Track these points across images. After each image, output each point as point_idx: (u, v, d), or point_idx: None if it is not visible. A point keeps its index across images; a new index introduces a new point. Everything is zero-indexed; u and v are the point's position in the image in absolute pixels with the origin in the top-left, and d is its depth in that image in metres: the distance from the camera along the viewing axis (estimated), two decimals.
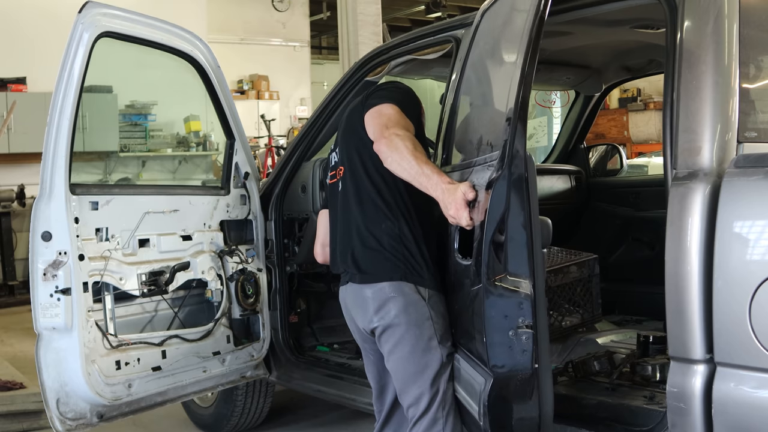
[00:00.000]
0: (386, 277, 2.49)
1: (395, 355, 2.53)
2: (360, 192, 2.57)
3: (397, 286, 2.48)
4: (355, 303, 2.61)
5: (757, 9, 2.34)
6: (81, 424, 3.10)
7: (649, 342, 3.12)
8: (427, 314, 2.48)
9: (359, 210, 2.57)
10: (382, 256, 2.51)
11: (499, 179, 2.13)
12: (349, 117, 2.74)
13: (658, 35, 3.35)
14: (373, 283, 2.51)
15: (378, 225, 2.52)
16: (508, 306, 2.12)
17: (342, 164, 2.68)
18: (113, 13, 3.20)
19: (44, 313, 3.01)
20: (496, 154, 2.21)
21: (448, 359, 2.51)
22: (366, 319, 2.57)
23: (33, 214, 3.03)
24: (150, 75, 8.72)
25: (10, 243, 8.78)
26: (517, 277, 2.11)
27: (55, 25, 7.12)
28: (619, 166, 4.76)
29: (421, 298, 2.48)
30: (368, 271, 2.54)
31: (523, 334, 2.10)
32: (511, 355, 2.13)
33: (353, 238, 2.58)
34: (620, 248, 4.33)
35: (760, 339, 1.91)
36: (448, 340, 2.52)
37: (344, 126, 2.75)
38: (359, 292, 2.57)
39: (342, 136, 2.74)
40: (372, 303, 2.52)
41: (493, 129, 2.40)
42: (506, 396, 2.18)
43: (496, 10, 2.75)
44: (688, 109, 2.18)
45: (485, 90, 2.77)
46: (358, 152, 2.60)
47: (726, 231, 1.97)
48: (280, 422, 4.30)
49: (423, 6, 15.10)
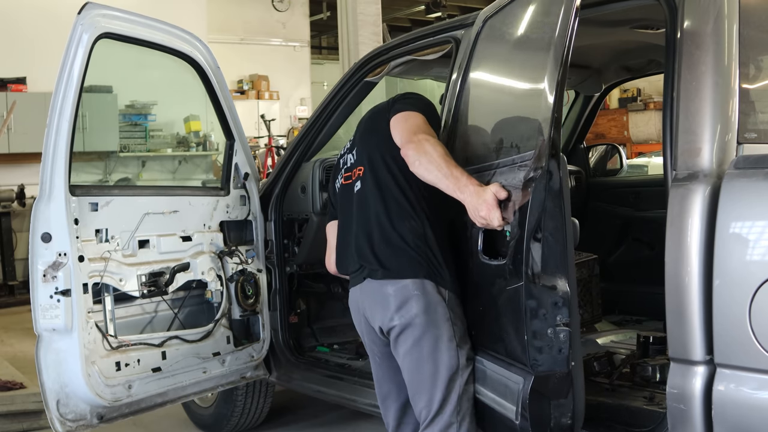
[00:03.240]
0: (410, 274, 2.47)
1: (413, 355, 2.49)
2: (383, 191, 2.56)
3: (420, 284, 2.46)
4: (374, 300, 2.56)
5: (757, 9, 2.34)
6: (81, 425, 3.10)
7: (649, 342, 3.12)
8: (447, 315, 2.46)
9: (383, 208, 2.55)
10: (407, 254, 2.49)
11: (539, 179, 2.14)
12: (371, 119, 2.74)
13: (658, 35, 3.35)
14: (397, 279, 2.48)
15: (402, 223, 2.51)
16: (548, 304, 2.14)
17: (361, 164, 2.66)
18: (113, 14, 3.19)
19: (44, 315, 3.01)
20: (529, 155, 2.22)
21: (467, 363, 2.48)
22: (386, 317, 2.52)
23: (33, 215, 3.03)
24: (150, 75, 8.73)
25: (10, 243, 8.78)
26: (555, 275, 2.14)
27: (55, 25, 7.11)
28: (619, 166, 4.75)
29: (442, 299, 2.47)
30: (392, 268, 2.50)
31: (561, 332, 2.14)
32: (550, 353, 2.15)
33: (374, 235, 2.55)
34: (620, 248, 4.33)
35: (760, 340, 1.91)
36: (467, 343, 2.50)
37: (365, 127, 2.75)
38: (380, 289, 2.52)
39: (362, 137, 2.73)
40: (394, 300, 2.48)
41: (520, 131, 2.40)
42: (545, 394, 2.20)
43: (506, 16, 2.75)
44: (688, 110, 2.18)
45: (505, 94, 2.77)
46: (381, 153, 2.60)
47: (726, 232, 1.97)
48: (280, 422, 4.30)
49: (423, 6, 15.11)
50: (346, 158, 2.79)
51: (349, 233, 2.67)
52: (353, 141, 2.79)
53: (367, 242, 2.57)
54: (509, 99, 2.68)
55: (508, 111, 2.66)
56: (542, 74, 2.24)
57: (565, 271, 2.14)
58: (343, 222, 2.74)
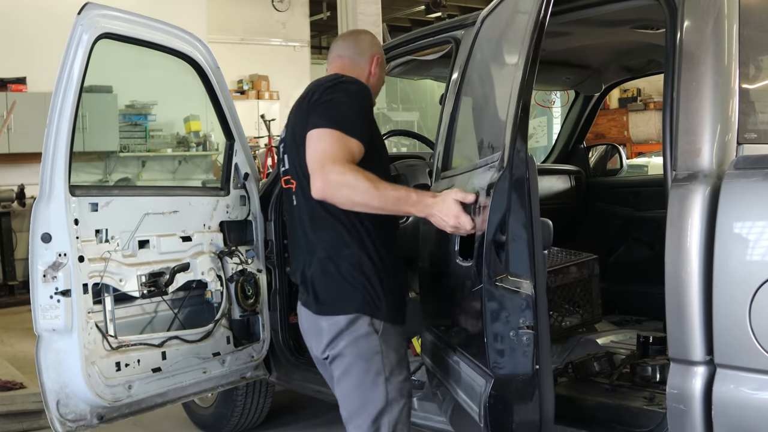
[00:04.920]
0: (343, 309, 2.40)
1: (342, 384, 2.46)
2: (315, 217, 2.43)
3: (353, 319, 2.39)
4: (310, 330, 2.52)
5: (757, 9, 2.34)
6: (81, 425, 3.10)
7: (649, 343, 3.12)
8: (378, 348, 2.39)
9: (316, 236, 2.45)
10: (340, 286, 2.40)
11: (500, 180, 2.13)
12: (295, 126, 2.50)
13: (658, 35, 3.35)
14: (330, 315, 2.42)
15: (337, 251, 2.41)
16: (509, 307, 2.12)
17: (293, 177, 2.51)
18: (112, 14, 3.19)
19: (44, 315, 3.01)
20: (497, 156, 2.22)
21: (399, 396, 2.42)
22: (319, 348, 2.49)
23: (32, 215, 3.03)
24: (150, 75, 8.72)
25: (10, 243, 8.79)
26: (518, 277, 2.11)
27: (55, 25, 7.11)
28: (619, 166, 4.75)
29: (374, 331, 2.40)
30: (326, 302, 2.43)
31: (524, 335, 2.10)
32: (512, 356, 2.12)
33: (312, 263, 2.46)
34: (620, 248, 4.33)
35: (760, 340, 1.90)
36: (400, 374, 2.44)
37: (291, 132, 2.53)
38: (315, 322, 2.47)
39: (291, 143, 2.52)
40: (327, 334, 2.43)
41: (495, 131, 2.40)
42: (507, 397, 2.17)
43: (496, 15, 2.75)
44: (688, 110, 2.18)
45: (487, 93, 2.77)
46: (303, 166, 2.39)
47: (726, 232, 1.97)
48: (280, 422, 4.30)
49: (423, 6, 15.10)
50: (284, 158, 2.61)
51: (295, 245, 2.59)
52: (285, 138, 2.61)
53: (307, 269, 2.49)
54: (492, 99, 2.68)
55: (490, 111, 2.66)
56: (514, 72, 2.23)
57: (531, 273, 2.10)
58: (290, 225, 2.64)
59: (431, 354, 2.85)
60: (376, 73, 2.68)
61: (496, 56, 2.73)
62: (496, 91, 2.60)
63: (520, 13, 2.39)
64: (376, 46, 2.72)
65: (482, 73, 2.86)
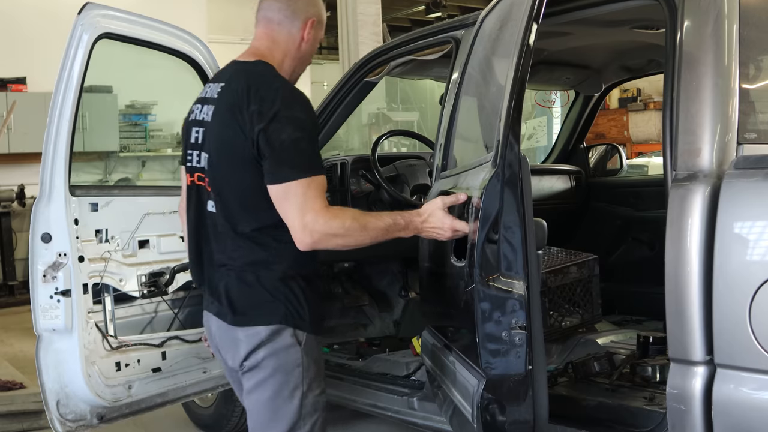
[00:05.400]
0: (263, 320, 2.23)
1: (254, 396, 2.29)
2: (236, 225, 2.24)
3: (274, 330, 2.23)
4: (224, 342, 2.34)
5: (757, 9, 2.34)
6: (81, 425, 3.11)
7: (649, 343, 3.12)
8: (299, 361, 2.25)
9: (234, 244, 2.25)
10: (261, 297, 2.23)
11: (492, 179, 2.13)
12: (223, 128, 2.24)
13: (658, 35, 3.35)
14: (249, 326, 2.24)
15: (256, 261, 2.23)
16: (501, 307, 2.11)
17: (212, 182, 2.28)
18: (112, 14, 3.19)
19: (44, 315, 3.02)
20: (491, 155, 2.22)
21: (313, 410, 2.28)
22: (236, 359, 2.29)
23: (32, 215, 3.03)
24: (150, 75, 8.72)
25: (10, 243, 8.79)
26: (510, 278, 2.11)
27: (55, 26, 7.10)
28: (619, 166, 4.75)
29: (297, 343, 2.24)
30: (244, 313, 2.25)
31: (516, 336, 2.09)
32: (505, 357, 2.12)
33: (229, 271, 2.27)
34: (620, 248, 4.32)
35: (760, 340, 1.90)
36: (318, 387, 2.31)
37: (217, 135, 2.25)
38: (230, 333, 2.29)
39: (216, 146, 2.25)
40: (244, 345, 2.25)
41: (490, 130, 2.40)
42: (499, 398, 2.16)
43: (493, 15, 2.76)
44: (688, 110, 2.18)
45: (484, 93, 2.77)
46: (233, 183, 2.23)
47: (726, 232, 1.97)
48: None
49: (423, 6, 15.09)
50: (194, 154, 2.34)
51: (203, 250, 2.36)
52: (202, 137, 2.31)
53: (222, 278, 2.29)
54: (488, 98, 2.68)
55: (486, 111, 2.66)
56: (507, 71, 2.23)
57: (523, 273, 2.10)
58: (196, 228, 2.38)
59: (431, 354, 2.85)
60: (310, 39, 2.37)
61: (492, 57, 2.73)
62: (492, 90, 2.60)
63: (514, 13, 2.39)
64: (313, 5, 2.37)
65: (480, 73, 2.86)
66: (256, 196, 2.18)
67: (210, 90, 2.34)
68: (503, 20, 2.59)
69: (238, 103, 2.17)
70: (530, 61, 2.14)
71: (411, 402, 3.24)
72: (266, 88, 2.19)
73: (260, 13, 2.37)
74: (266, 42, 2.34)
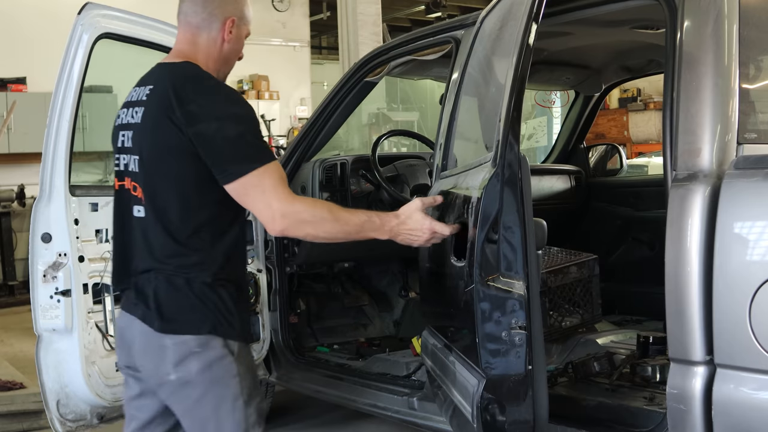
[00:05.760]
0: (193, 329, 2.12)
1: (194, 415, 2.16)
2: (169, 228, 2.15)
3: (204, 340, 2.12)
4: (146, 348, 2.17)
5: (757, 9, 2.34)
6: (81, 425, 3.11)
7: (649, 343, 3.12)
8: (235, 371, 2.15)
9: (166, 247, 2.15)
10: (191, 303, 2.13)
11: (492, 179, 2.13)
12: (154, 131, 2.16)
13: (658, 35, 3.35)
14: (177, 334, 2.12)
15: (189, 264, 2.13)
16: (501, 307, 2.11)
17: (142, 187, 2.18)
18: (112, 14, 3.20)
19: (44, 315, 3.02)
20: (491, 155, 2.22)
21: (257, 420, 2.20)
22: (161, 370, 2.14)
23: (33, 215, 3.04)
24: None
25: (10, 243, 8.78)
26: (510, 278, 2.11)
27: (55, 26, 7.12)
28: (619, 166, 4.75)
29: (229, 353, 2.14)
30: (172, 320, 2.12)
31: (516, 336, 2.10)
32: (504, 357, 2.12)
33: (158, 275, 2.15)
34: (620, 248, 4.32)
35: (760, 340, 1.90)
36: (257, 396, 2.23)
37: (149, 139, 2.18)
38: (155, 339, 2.14)
39: (148, 150, 2.17)
40: (172, 354, 2.12)
41: (490, 131, 2.40)
42: (499, 398, 2.16)
43: (493, 16, 2.76)
44: (688, 110, 2.18)
45: (484, 93, 2.77)
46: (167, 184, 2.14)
47: (726, 232, 1.97)
48: (280, 422, 4.29)
49: (423, 6, 15.10)
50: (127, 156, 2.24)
51: (128, 253, 2.24)
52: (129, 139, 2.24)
53: (146, 279, 2.17)
54: (488, 99, 2.68)
55: (486, 111, 2.66)
56: (507, 71, 2.23)
57: (523, 273, 2.10)
58: (121, 234, 2.28)
59: (431, 354, 2.85)
60: (231, 38, 2.28)
61: (492, 57, 2.73)
62: (492, 90, 2.60)
63: (514, 14, 2.39)
64: (230, 3, 2.28)
65: (480, 73, 2.86)
66: (193, 196, 2.13)
67: (136, 93, 2.28)
68: (503, 20, 2.59)
69: (171, 103, 2.11)
70: (530, 61, 2.14)
71: (411, 402, 3.24)
72: (199, 87, 2.14)
73: (179, 16, 2.30)
74: (188, 45, 2.28)
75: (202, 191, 2.12)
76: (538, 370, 2.14)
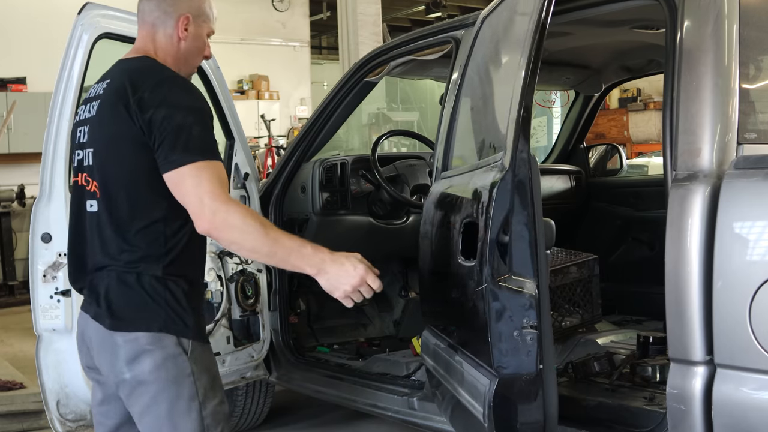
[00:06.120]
0: (143, 326, 2.07)
1: (149, 416, 2.12)
2: (122, 222, 2.11)
3: (156, 338, 2.07)
4: (102, 347, 2.14)
5: (757, 9, 2.34)
6: (81, 425, 3.11)
7: (649, 343, 3.12)
8: (189, 370, 2.10)
9: (118, 242, 2.11)
10: (141, 300, 2.08)
11: (503, 180, 2.14)
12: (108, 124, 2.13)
13: (658, 35, 3.35)
14: (127, 331, 2.08)
15: (138, 262, 2.09)
16: (513, 306, 2.12)
17: (97, 181, 2.16)
18: (113, 14, 3.20)
19: (44, 315, 3.02)
20: (500, 156, 2.22)
21: (214, 421, 2.14)
22: (115, 368, 2.11)
23: (32, 215, 3.04)
24: None
25: (10, 243, 8.78)
26: (521, 277, 2.12)
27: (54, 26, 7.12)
28: (619, 166, 4.75)
29: (183, 352, 2.09)
30: (122, 317, 2.09)
31: (527, 335, 2.11)
32: (516, 356, 2.13)
33: (107, 271, 2.12)
34: (620, 248, 4.32)
35: (760, 341, 1.90)
36: (215, 397, 2.17)
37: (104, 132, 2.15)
38: (108, 337, 2.11)
39: (102, 143, 2.15)
40: (124, 352, 2.08)
41: (496, 131, 2.40)
42: (511, 397, 2.18)
43: (496, 15, 2.76)
44: (688, 110, 2.18)
45: (488, 94, 2.77)
46: (120, 176, 2.11)
47: (726, 232, 1.97)
48: (280, 422, 4.30)
49: (423, 6, 15.11)
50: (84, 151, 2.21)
51: (83, 250, 2.21)
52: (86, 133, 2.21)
53: (101, 278, 2.13)
54: (493, 99, 2.68)
55: (491, 111, 2.66)
56: (516, 72, 2.23)
57: (534, 273, 2.11)
58: (75, 231, 2.25)
59: (432, 354, 2.85)
60: (188, 36, 2.25)
61: (497, 57, 2.73)
62: (497, 91, 2.60)
63: (521, 14, 2.39)
64: (185, 1, 2.26)
65: (483, 74, 2.86)
66: (145, 189, 2.09)
67: (94, 89, 2.24)
68: (508, 20, 2.59)
69: (124, 94, 2.08)
70: (540, 62, 2.14)
71: (411, 402, 3.24)
72: (153, 77, 2.12)
73: (138, 15, 2.29)
74: (147, 43, 2.26)
75: (153, 184, 2.07)
76: (548, 369, 2.16)
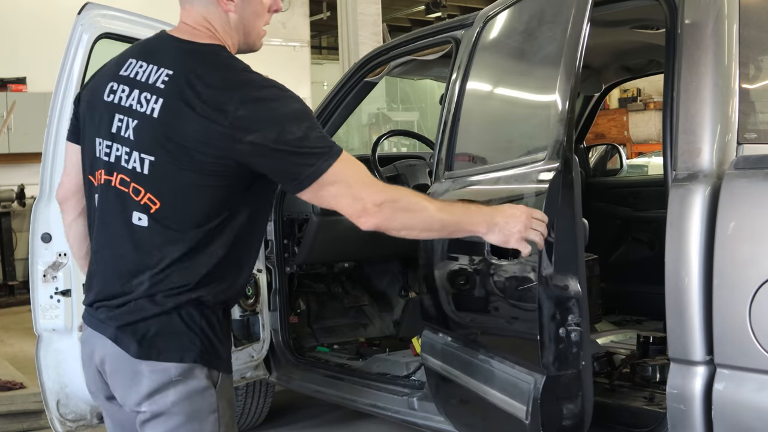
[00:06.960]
0: (175, 356, 1.85)
1: None
2: (171, 244, 1.85)
3: (187, 369, 1.86)
4: (118, 372, 1.90)
5: (757, 9, 2.35)
6: (81, 425, 3.11)
7: (649, 342, 3.12)
8: (215, 405, 1.90)
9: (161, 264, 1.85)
10: (174, 327, 1.86)
11: (554, 180, 2.16)
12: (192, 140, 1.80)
13: (658, 35, 3.35)
14: (157, 360, 1.85)
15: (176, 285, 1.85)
16: (560, 305, 2.15)
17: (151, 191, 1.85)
18: (112, 14, 3.20)
19: (44, 315, 3.02)
20: (542, 155, 2.24)
21: None
22: (133, 398, 1.88)
23: (32, 215, 3.04)
24: None
25: (10, 243, 8.79)
26: (566, 275, 2.15)
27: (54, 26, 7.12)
28: (619, 166, 4.75)
29: (212, 385, 1.89)
30: (152, 345, 1.85)
31: (572, 332, 2.14)
32: (563, 354, 2.15)
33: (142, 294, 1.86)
34: (620, 248, 4.33)
35: (760, 340, 1.90)
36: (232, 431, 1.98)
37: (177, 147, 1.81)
38: (129, 364, 1.87)
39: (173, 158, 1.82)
40: (148, 382, 1.85)
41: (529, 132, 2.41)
42: (557, 394, 2.20)
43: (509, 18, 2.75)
44: (688, 110, 2.18)
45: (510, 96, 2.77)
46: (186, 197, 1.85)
47: (726, 232, 1.97)
48: (280, 422, 4.30)
49: (423, 6, 15.11)
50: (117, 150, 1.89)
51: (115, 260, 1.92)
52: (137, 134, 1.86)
53: (128, 298, 1.87)
54: (518, 100, 2.68)
55: (516, 112, 2.66)
56: (554, 76, 2.25)
57: (577, 271, 2.15)
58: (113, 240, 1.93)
59: (441, 354, 2.84)
60: (236, 3, 1.99)
61: (521, 60, 2.72)
62: (527, 94, 2.61)
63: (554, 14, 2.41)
64: None
65: (501, 76, 2.85)
66: (208, 213, 1.86)
67: (143, 71, 1.89)
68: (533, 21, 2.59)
69: (213, 105, 1.78)
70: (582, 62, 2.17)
71: (411, 402, 3.24)
72: (246, 86, 1.84)
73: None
74: (198, 18, 1.95)
75: (217, 208, 1.86)
76: (587, 366, 2.18)
